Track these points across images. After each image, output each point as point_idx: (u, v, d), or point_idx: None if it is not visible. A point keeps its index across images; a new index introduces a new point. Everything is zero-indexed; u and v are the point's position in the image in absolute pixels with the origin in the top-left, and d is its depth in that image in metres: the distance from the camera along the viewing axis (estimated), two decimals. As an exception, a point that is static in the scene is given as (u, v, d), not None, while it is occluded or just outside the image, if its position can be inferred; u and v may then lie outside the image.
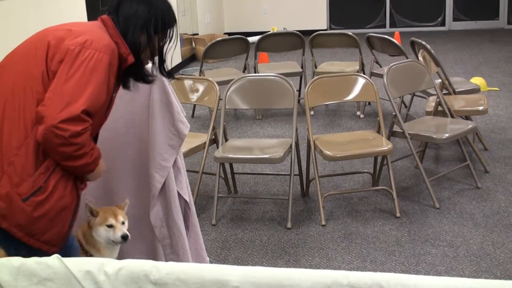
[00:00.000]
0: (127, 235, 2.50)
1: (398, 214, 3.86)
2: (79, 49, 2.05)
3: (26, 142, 2.03)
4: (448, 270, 3.23)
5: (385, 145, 3.86)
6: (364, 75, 4.26)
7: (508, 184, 4.28)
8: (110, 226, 2.50)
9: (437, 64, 4.80)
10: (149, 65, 2.36)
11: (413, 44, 5.23)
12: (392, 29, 11.18)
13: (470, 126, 4.20)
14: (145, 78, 2.32)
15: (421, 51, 4.87)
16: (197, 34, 9.86)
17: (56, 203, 2.07)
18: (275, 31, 7.52)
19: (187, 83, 4.26)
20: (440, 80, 4.87)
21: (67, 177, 2.10)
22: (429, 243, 3.53)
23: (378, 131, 4.11)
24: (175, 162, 2.78)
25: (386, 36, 5.93)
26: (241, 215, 4.04)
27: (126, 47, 2.17)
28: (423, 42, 4.91)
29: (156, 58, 2.35)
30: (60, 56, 2.05)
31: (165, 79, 2.68)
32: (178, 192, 2.81)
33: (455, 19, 11.64)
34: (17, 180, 2.01)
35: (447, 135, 4.03)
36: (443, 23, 11.67)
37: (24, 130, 2.03)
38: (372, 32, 6.79)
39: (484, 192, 4.19)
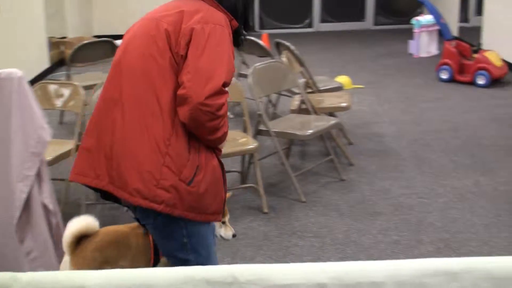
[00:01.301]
0: (236, 234, 2.62)
1: (265, 210, 3.99)
2: (202, 27, 2.09)
3: (175, 130, 2.09)
4: (315, 259, 3.39)
5: (251, 144, 3.98)
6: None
7: (371, 175, 4.54)
8: (224, 223, 2.54)
9: (301, 64, 4.99)
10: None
11: (278, 45, 5.40)
12: (261, 31, 11.42)
13: (333, 122, 4.41)
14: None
15: (285, 52, 5.04)
16: (66, 38, 9.61)
17: (212, 174, 2.16)
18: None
19: (52, 88, 4.17)
20: (304, 80, 5.07)
21: (209, 148, 2.18)
22: (296, 235, 3.68)
23: (245, 131, 4.23)
24: (37, 170, 2.72)
25: (253, 38, 6.06)
26: (111, 221, 4.01)
27: (227, 13, 2.21)
28: (287, 43, 5.09)
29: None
30: (185, 39, 2.09)
31: (26, 84, 2.63)
32: (42, 202, 2.75)
33: (322, 21, 12.07)
34: (177, 168, 2.08)
35: (310, 131, 4.21)
36: (310, 25, 12.07)
37: (169, 120, 2.09)
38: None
39: (349, 183, 4.41)
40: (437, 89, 7.12)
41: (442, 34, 7.81)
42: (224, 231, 2.58)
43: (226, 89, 2.10)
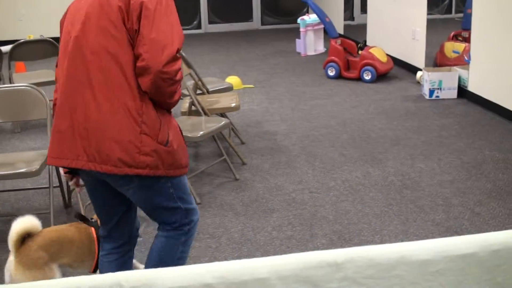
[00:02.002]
0: None
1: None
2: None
3: (143, 99, 2.26)
4: (211, 260, 3.38)
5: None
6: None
7: (264, 173, 4.59)
8: None
9: (189, 66, 4.97)
10: None
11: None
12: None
13: (223, 122, 4.42)
14: None
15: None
16: None
17: (177, 132, 2.43)
18: (30, 38, 7.22)
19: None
20: (193, 82, 5.05)
21: (167, 111, 2.43)
22: (192, 237, 3.66)
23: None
24: None
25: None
26: (2, 236, 3.85)
27: None
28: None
29: None
30: (136, 13, 2.23)
31: None
32: None
33: (210, 22, 12.10)
34: (154, 133, 2.29)
35: (201, 132, 4.20)
36: (199, 26, 12.07)
37: (137, 91, 2.25)
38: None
39: (242, 182, 4.44)
40: (325, 86, 7.30)
41: (328, 33, 8.02)
42: None
43: (179, 55, 2.29)
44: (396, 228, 3.69)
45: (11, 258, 2.56)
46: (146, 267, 2.62)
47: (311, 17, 9.21)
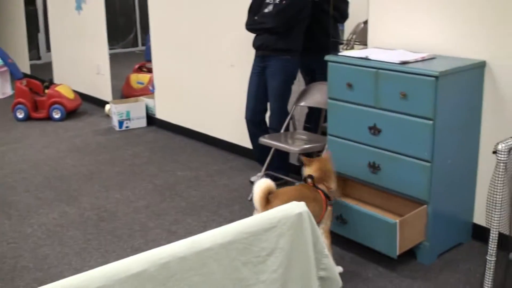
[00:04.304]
0: None
1: None
2: None
3: None
4: None
5: None
6: None
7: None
8: None
9: None
10: None
11: None
12: None
13: None
14: None
15: None
16: None
17: None
18: None
19: None
20: None
21: None
22: None
23: None
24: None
25: None
26: None
27: None
28: None
29: None
30: None
31: None
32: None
33: None
34: None
35: None
36: None
37: None
38: None
39: None
40: (16, 129, 7.02)
41: (12, 74, 7.75)
42: None
43: None
44: (97, 262, 3.70)
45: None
46: None
47: (-7, 60, 8.79)
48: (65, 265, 3.70)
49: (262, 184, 3.05)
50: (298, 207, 2.24)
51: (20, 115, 7.40)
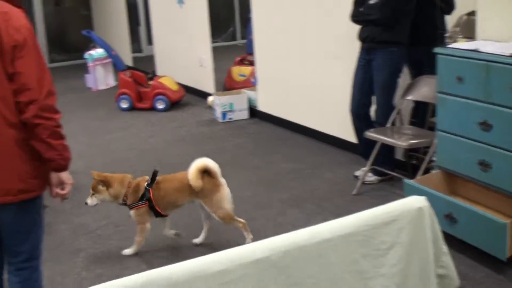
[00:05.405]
0: None
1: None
2: None
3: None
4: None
5: None
6: None
7: (67, 214, 4.47)
8: None
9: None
10: None
11: None
12: None
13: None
14: None
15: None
16: None
17: None
18: None
19: None
20: None
21: None
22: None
23: None
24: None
25: None
26: None
27: None
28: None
29: None
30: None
31: None
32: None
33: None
34: None
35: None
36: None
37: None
38: None
39: (46, 227, 4.22)
40: (120, 119, 7.26)
41: (116, 66, 8.01)
42: None
43: None
44: (199, 252, 3.76)
45: None
46: None
47: (98, 52, 9.12)
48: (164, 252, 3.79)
49: (197, 162, 3.67)
50: (418, 202, 2.18)
51: (124, 105, 7.64)
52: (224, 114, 6.79)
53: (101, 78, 9.25)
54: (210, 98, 7.43)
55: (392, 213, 2.14)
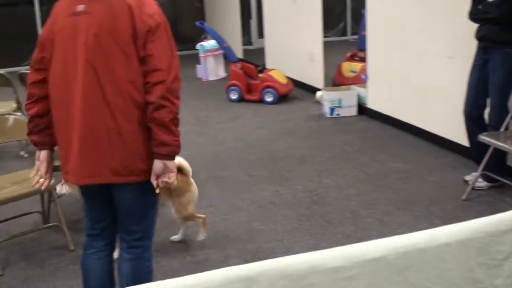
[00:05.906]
0: None
1: (72, 248, 3.83)
2: None
3: None
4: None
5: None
6: (17, 114, 4.15)
7: (174, 200, 4.56)
8: None
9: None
10: None
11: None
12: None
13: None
14: None
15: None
16: None
17: None
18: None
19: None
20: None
21: None
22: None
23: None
24: None
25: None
26: None
27: None
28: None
29: None
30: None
31: None
32: None
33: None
34: None
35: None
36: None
37: None
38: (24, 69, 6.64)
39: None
40: (229, 110, 7.37)
41: (227, 57, 8.13)
42: None
43: None
44: (308, 243, 3.76)
45: None
46: None
47: (209, 43, 9.30)
48: (277, 241, 3.80)
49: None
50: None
51: (234, 96, 7.75)
52: (332, 110, 6.74)
53: (212, 69, 9.42)
54: (318, 93, 7.41)
55: (510, 221, 2.05)
